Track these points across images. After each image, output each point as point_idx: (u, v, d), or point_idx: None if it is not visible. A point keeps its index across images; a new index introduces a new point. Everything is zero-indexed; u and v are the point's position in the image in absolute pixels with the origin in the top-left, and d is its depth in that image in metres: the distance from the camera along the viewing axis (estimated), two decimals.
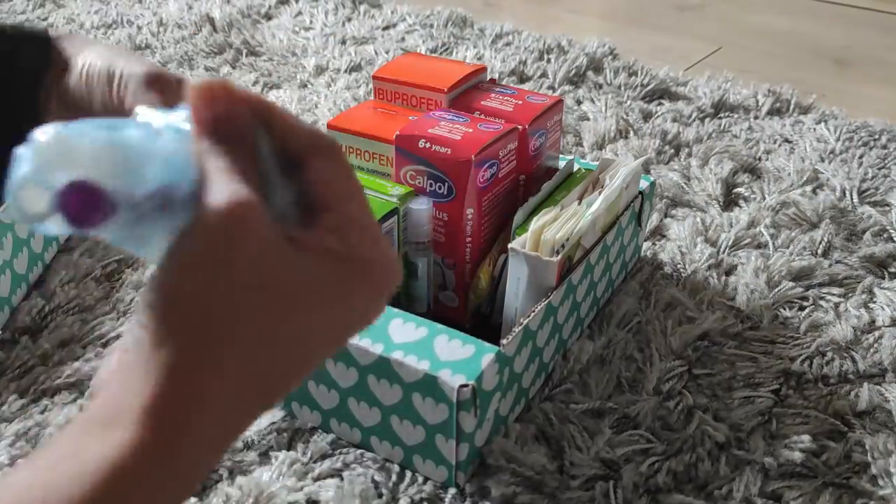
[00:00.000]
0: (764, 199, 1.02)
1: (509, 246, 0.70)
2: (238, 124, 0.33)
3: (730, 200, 1.03)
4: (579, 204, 0.75)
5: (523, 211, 0.75)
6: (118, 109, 0.39)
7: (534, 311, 0.67)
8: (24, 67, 0.43)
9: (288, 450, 0.68)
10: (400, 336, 0.64)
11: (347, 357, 0.64)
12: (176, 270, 0.31)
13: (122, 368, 0.31)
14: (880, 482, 0.66)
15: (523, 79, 1.35)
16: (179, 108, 0.34)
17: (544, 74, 1.35)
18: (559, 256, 0.68)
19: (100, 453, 0.29)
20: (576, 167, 0.84)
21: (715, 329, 0.81)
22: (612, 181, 0.77)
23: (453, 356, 0.62)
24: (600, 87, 1.32)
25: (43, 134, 0.30)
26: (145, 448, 0.29)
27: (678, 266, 0.90)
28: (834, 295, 0.86)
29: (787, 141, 1.17)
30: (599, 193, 0.76)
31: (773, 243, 0.94)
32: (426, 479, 0.66)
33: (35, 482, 0.29)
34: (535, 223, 0.71)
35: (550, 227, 0.70)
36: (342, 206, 0.33)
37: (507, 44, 1.48)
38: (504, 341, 0.64)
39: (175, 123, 0.33)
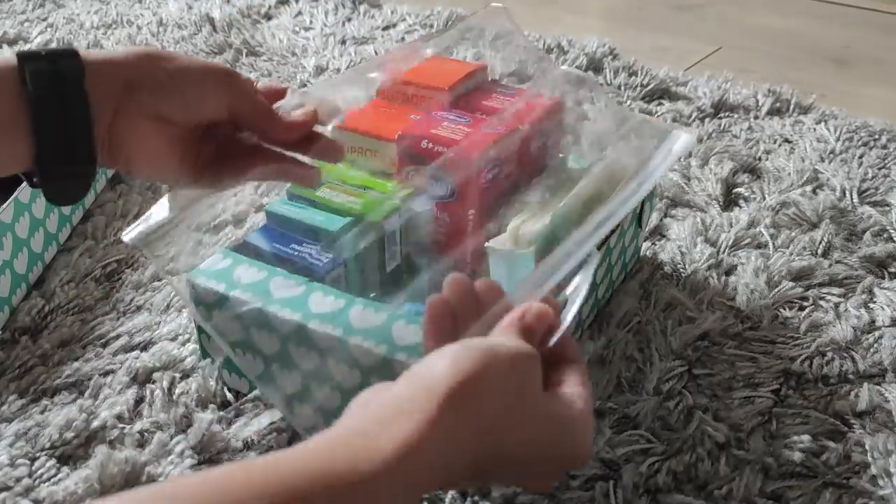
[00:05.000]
0: (764, 199, 1.02)
1: (486, 245, 0.70)
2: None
3: (730, 200, 1.03)
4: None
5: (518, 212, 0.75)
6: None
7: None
8: (64, 72, 0.51)
9: None
10: (403, 338, 0.64)
11: (350, 358, 0.64)
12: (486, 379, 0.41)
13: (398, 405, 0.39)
14: (880, 482, 0.66)
15: (523, 79, 1.35)
16: None
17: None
18: (533, 247, 0.68)
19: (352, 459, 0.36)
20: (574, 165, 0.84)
21: (715, 329, 0.81)
22: (587, 177, 0.77)
23: None
24: (600, 87, 1.32)
25: None
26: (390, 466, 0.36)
27: (678, 266, 0.90)
28: (834, 295, 0.86)
29: (787, 141, 1.17)
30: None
31: (773, 243, 0.94)
32: None
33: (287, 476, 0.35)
34: (514, 222, 0.71)
35: (527, 223, 0.71)
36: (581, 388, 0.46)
37: (507, 43, 1.48)
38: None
39: None
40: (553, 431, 0.43)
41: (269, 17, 1.61)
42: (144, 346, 0.79)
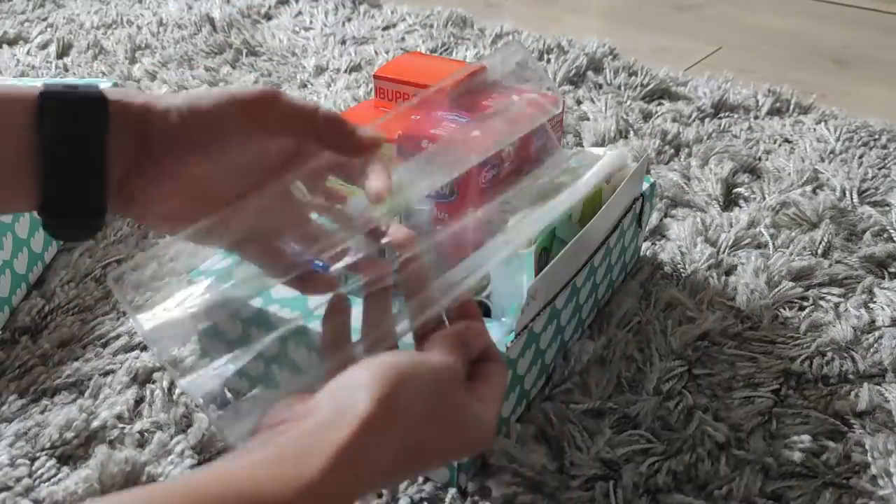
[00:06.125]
0: (764, 199, 1.02)
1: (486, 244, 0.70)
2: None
3: (730, 200, 1.03)
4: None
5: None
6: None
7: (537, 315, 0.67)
8: (86, 124, 0.46)
9: None
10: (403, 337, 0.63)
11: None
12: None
13: (320, 422, 0.39)
14: (880, 482, 0.66)
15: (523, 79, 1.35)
16: None
17: None
18: (533, 247, 0.68)
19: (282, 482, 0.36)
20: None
21: (715, 329, 0.81)
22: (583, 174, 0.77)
23: None
24: (600, 87, 1.32)
25: None
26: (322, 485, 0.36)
27: (678, 266, 0.90)
28: (834, 295, 0.86)
29: (787, 141, 1.17)
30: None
31: (773, 243, 0.94)
32: (426, 479, 0.66)
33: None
34: (512, 221, 0.71)
35: (524, 222, 0.71)
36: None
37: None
38: (507, 344, 0.64)
39: None
40: (465, 427, 0.45)
41: (269, 17, 1.61)
42: (144, 346, 0.79)
